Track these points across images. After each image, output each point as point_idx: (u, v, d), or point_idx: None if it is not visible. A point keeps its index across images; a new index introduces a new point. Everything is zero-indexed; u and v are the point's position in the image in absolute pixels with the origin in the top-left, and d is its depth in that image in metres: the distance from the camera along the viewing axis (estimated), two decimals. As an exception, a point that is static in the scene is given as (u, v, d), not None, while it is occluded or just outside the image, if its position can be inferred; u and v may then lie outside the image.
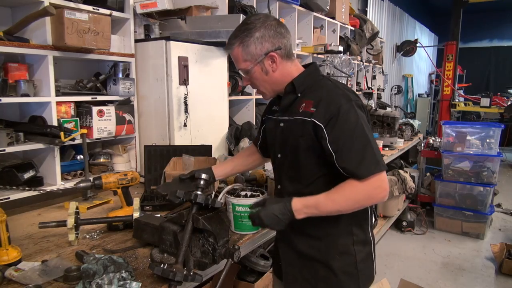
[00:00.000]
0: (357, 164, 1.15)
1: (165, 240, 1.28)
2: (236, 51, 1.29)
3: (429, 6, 11.05)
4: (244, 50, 1.27)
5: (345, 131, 1.18)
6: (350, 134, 1.17)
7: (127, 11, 2.29)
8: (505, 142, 7.70)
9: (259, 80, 1.32)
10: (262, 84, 1.34)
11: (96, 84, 2.23)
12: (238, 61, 1.31)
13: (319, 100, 1.22)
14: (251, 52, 1.26)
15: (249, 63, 1.28)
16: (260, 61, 1.27)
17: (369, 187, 1.17)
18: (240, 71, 1.34)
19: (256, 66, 1.28)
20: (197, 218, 1.22)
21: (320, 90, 1.26)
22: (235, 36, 1.29)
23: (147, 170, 2.15)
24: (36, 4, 1.84)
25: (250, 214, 1.22)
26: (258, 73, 1.30)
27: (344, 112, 1.18)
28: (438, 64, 10.01)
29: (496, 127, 4.20)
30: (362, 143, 1.17)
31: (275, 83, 1.33)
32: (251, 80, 1.34)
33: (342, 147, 1.17)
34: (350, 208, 1.19)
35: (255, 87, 1.37)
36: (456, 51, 7.12)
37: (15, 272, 1.21)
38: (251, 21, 1.27)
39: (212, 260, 1.25)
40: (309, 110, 1.23)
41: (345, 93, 1.23)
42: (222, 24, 2.41)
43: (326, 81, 1.30)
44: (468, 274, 3.40)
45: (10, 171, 1.85)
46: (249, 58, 1.27)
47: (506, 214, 4.95)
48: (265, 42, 1.25)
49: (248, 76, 1.33)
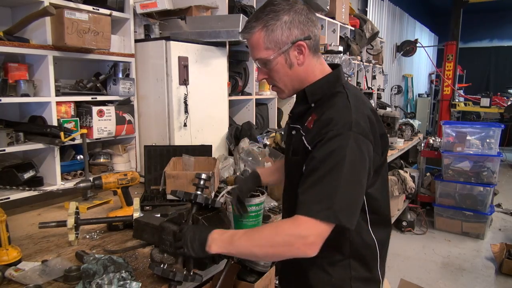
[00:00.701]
0: (308, 199, 0.95)
1: (165, 240, 1.28)
2: (256, 36, 1.08)
3: (429, 6, 11.05)
4: (268, 35, 1.06)
5: (317, 159, 0.98)
6: (324, 165, 0.97)
7: (127, 11, 2.29)
8: (505, 142, 7.70)
9: (280, 74, 1.12)
10: (282, 79, 1.13)
11: (96, 84, 2.23)
12: (258, 49, 1.09)
13: (318, 119, 1.06)
14: (277, 38, 1.06)
15: (272, 52, 1.08)
16: (285, 51, 1.08)
17: (294, 231, 0.94)
18: (257, 61, 1.12)
19: (280, 57, 1.08)
20: (197, 218, 1.22)
21: (329, 106, 1.07)
22: (257, 18, 1.08)
23: (147, 170, 2.15)
24: (36, 4, 1.84)
25: (169, 229, 1.15)
26: (280, 65, 1.10)
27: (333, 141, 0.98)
28: (438, 64, 10.01)
29: (496, 127, 4.20)
30: (329, 180, 0.95)
31: (298, 80, 1.13)
32: (269, 73, 1.13)
33: (311, 173, 0.98)
34: (264, 252, 0.98)
35: (272, 82, 1.16)
36: (456, 51, 7.12)
37: (15, 272, 1.21)
38: (278, 2, 1.07)
39: (212, 260, 1.25)
40: (309, 126, 1.08)
41: (350, 118, 1.00)
42: (222, 24, 2.41)
43: (341, 96, 1.09)
44: (468, 274, 3.40)
45: (10, 171, 1.85)
46: (272, 46, 1.07)
47: (506, 214, 4.95)
48: (294, 28, 1.06)
49: (267, 68, 1.12)
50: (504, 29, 11.39)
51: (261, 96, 3.17)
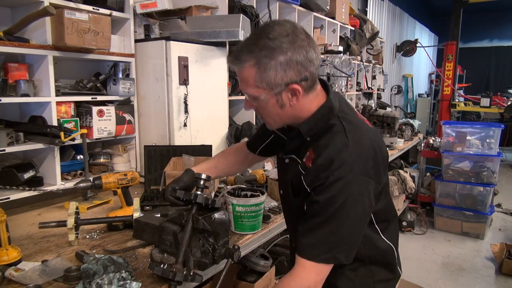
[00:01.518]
0: (308, 242, 0.98)
1: (165, 240, 1.28)
2: (247, 72, 0.97)
3: (429, 6, 11.05)
4: (260, 74, 0.95)
5: (320, 203, 0.97)
6: (323, 209, 0.96)
7: (127, 11, 2.29)
8: (505, 142, 7.70)
9: (270, 112, 1.03)
10: (271, 117, 1.05)
11: (96, 84, 2.23)
12: (247, 84, 0.99)
13: (318, 156, 1.00)
14: (269, 79, 0.95)
15: (262, 91, 0.97)
16: (277, 93, 0.97)
17: (300, 285, 0.98)
18: (245, 94, 1.04)
19: (271, 97, 0.99)
20: (197, 218, 1.22)
21: (326, 142, 1.00)
22: (250, 50, 0.95)
23: (147, 170, 2.15)
24: (36, 4, 1.84)
25: None
26: (270, 105, 1.00)
27: (333, 185, 0.95)
28: (438, 64, 10.01)
29: (496, 127, 4.20)
30: (329, 224, 0.96)
31: (290, 118, 1.05)
32: (257, 108, 1.04)
33: (309, 215, 1.00)
34: None
35: (259, 115, 1.09)
36: (456, 51, 7.12)
37: (15, 272, 1.21)
38: (275, 37, 0.93)
39: (212, 260, 1.25)
40: (307, 165, 1.02)
41: (350, 159, 0.96)
42: (222, 24, 2.41)
43: (338, 131, 1.01)
44: (468, 274, 3.40)
45: (10, 171, 1.85)
46: (264, 86, 0.97)
47: (506, 214, 4.95)
48: (290, 70, 0.94)
49: (255, 103, 1.02)
50: (504, 29, 11.39)
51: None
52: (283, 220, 1.80)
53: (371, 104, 5.04)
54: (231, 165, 1.47)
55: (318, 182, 0.97)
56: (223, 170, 1.46)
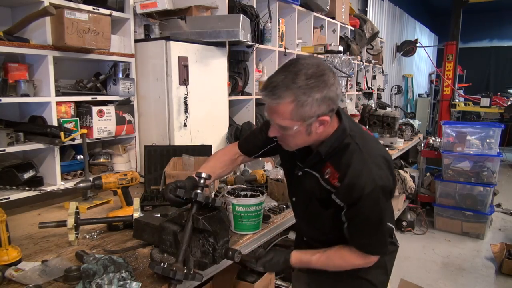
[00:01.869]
0: (363, 244, 1.21)
1: (165, 240, 1.28)
2: (284, 107, 1.05)
3: (429, 6, 11.05)
4: (297, 109, 1.05)
5: (360, 216, 1.15)
6: (365, 219, 1.16)
7: (127, 11, 2.29)
8: (505, 142, 7.69)
9: (297, 139, 1.15)
10: (295, 142, 1.17)
11: (96, 84, 2.23)
12: (282, 118, 1.08)
13: (343, 175, 1.13)
14: (304, 113, 1.06)
15: (295, 123, 1.08)
16: (308, 124, 1.09)
17: (360, 262, 1.24)
18: (276, 124, 1.12)
19: (302, 128, 1.10)
20: (197, 218, 1.22)
21: (348, 161, 1.14)
22: (288, 87, 1.04)
23: (147, 170, 2.15)
24: (36, 4, 1.84)
25: (258, 260, 1.31)
26: (299, 134, 1.11)
27: (365, 199, 1.11)
28: (438, 64, 10.01)
29: (496, 127, 4.20)
30: (373, 229, 1.19)
31: (311, 142, 1.19)
32: (283, 136, 1.15)
33: (354, 224, 1.19)
34: (336, 270, 1.27)
35: (284, 142, 1.19)
36: (456, 51, 7.12)
37: (15, 272, 1.21)
38: (311, 76, 1.04)
39: (212, 260, 1.25)
40: (333, 183, 1.16)
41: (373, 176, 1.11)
42: (222, 24, 2.41)
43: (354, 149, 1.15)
44: (468, 274, 3.40)
45: (10, 171, 1.85)
46: (298, 119, 1.07)
47: (506, 214, 4.95)
48: (323, 105, 1.06)
49: (283, 132, 1.12)
50: (504, 29, 11.39)
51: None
52: (283, 220, 1.80)
53: (371, 104, 5.04)
54: (224, 166, 1.49)
55: (351, 201, 1.13)
56: (219, 173, 1.49)
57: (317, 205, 1.25)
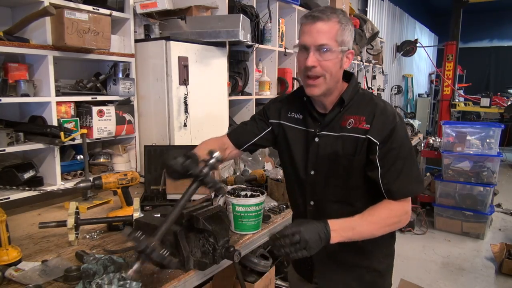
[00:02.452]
0: (400, 184, 1.18)
1: (165, 240, 1.28)
2: (332, 25, 1.16)
3: (429, 6, 11.05)
4: (341, 31, 1.17)
5: (395, 149, 1.18)
6: (399, 153, 1.18)
7: (127, 11, 2.29)
8: (505, 142, 7.70)
9: (333, 65, 1.19)
10: (330, 73, 1.19)
11: (96, 84, 2.23)
12: (329, 36, 1.16)
13: (372, 117, 1.20)
14: (344, 38, 1.18)
15: (337, 45, 1.17)
16: (343, 52, 1.19)
17: (402, 210, 1.20)
18: (319, 47, 1.16)
19: (338, 54, 1.18)
20: (197, 218, 1.22)
21: (370, 105, 1.23)
22: (333, 11, 1.18)
23: (147, 170, 2.15)
24: (36, 4, 1.84)
25: (288, 232, 1.06)
26: (336, 62, 1.19)
27: (398, 130, 1.18)
28: (438, 64, 10.01)
29: (496, 127, 4.20)
30: (409, 163, 1.19)
31: (335, 81, 1.23)
32: (323, 62, 1.18)
33: (390, 165, 1.18)
34: (382, 232, 1.20)
35: (319, 72, 1.19)
36: (456, 51, 7.12)
37: (15, 272, 1.21)
38: (343, 13, 1.20)
39: (212, 260, 1.25)
40: (362, 127, 1.20)
41: (394, 110, 1.23)
42: (222, 24, 2.41)
43: (370, 95, 1.28)
44: (468, 274, 3.40)
45: (10, 171, 1.85)
46: (339, 42, 1.17)
47: (506, 214, 4.95)
48: (351, 39, 1.21)
49: (323, 57, 1.17)
50: (504, 29, 11.39)
51: (261, 96, 3.17)
52: (283, 220, 1.80)
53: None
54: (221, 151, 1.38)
55: (386, 133, 1.17)
56: None
57: (344, 162, 1.23)
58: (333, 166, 1.26)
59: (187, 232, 1.26)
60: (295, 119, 1.36)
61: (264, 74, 3.18)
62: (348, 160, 1.22)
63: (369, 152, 1.19)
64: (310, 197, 1.34)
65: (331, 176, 1.27)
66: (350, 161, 1.22)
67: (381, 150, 1.18)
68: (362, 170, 1.23)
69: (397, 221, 1.21)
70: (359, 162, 1.22)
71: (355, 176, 1.24)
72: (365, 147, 1.19)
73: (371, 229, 1.17)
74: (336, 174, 1.26)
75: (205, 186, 1.17)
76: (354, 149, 1.21)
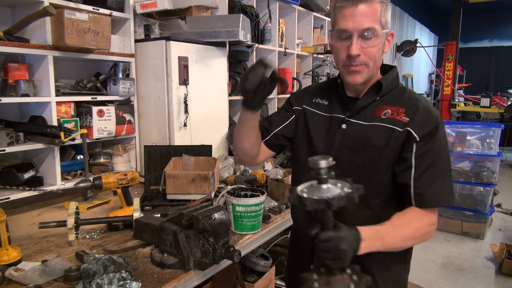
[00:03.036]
0: (433, 190, 1.06)
1: (165, 240, 1.29)
2: (376, 7, 1.06)
3: (429, 6, 11.05)
4: (384, 12, 1.08)
5: (435, 150, 1.07)
6: (437, 156, 1.07)
7: (127, 11, 2.29)
8: (505, 142, 7.69)
9: (377, 50, 1.09)
10: (375, 56, 1.10)
11: (96, 84, 2.23)
12: (373, 18, 1.06)
13: (414, 110, 1.09)
14: (387, 19, 1.09)
15: (381, 28, 1.07)
16: (385, 34, 1.10)
17: (430, 221, 1.08)
18: (363, 31, 1.06)
19: (381, 38, 1.08)
20: (197, 218, 1.22)
21: (412, 100, 1.13)
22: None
23: (147, 170, 2.15)
24: (36, 4, 1.84)
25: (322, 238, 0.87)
26: (379, 46, 1.09)
27: (440, 131, 1.08)
28: (438, 64, 10.01)
29: (496, 127, 4.20)
30: (447, 170, 1.09)
31: (377, 67, 1.14)
32: (367, 49, 1.08)
33: (426, 166, 1.06)
34: (409, 245, 1.09)
35: (361, 61, 1.09)
36: (456, 51, 7.11)
37: (15, 272, 1.21)
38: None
39: (212, 260, 1.25)
40: (400, 119, 1.09)
41: (436, 112, 1.12)
42: (222, 24, 2.41)
43: (412, 92, 1.19)
44: (468, 274, 3.40)
45: (10, 171, 1.85)
46: (383, 23, 1.08)
47: (506, 214, 4.94)
48: (390, 19, 1.11)
49: (367, 43, 1.07)
50: (504, 29, 11.39)
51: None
52: (283, 220, 1.80)
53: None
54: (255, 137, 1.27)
55: (428, 130, 1.07)
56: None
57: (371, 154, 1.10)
58: (358, 157, 1.13)
59: (187, 232, 1.26)
60: (319, 104, 1.25)
61: (264, 74, 3.18)
62: (377, 153, 1.10)
63: (404, 148, 1.08)
64: None
65: (353, 168, 1.13)
66: (378, 154, 1.10)
67: (419, 148, 1.06)
68: (389, 167, 1.11)
69: (425, 233, 1.08)
70: (388, 157, 1.10)
71: (380, 171, 1.11)
72: (400, 141, 1.08)
73: (400, 241, 1.04)
74: (359, 167, 1.13)
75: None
76: (386, 141, 1.09)
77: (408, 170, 1.07)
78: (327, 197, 0.84)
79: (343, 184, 0.89)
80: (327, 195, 0.85)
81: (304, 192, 0.88)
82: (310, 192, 0.88)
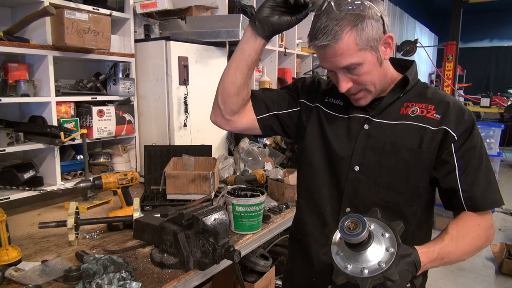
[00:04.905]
0: (484, 190, 0.97)
1: (165, 240, 1.29)
2: (347, 41, 0.91)
3: (429, 6, 11.05)
4: (360, 35, 0.91)
5: (477, 148, 0.98)
6: (480, 153, 0.98)
7: (127, 11, 2.29)
8: (505, 142, 7.69)
9: (372, 74, 0.98)
10: (373, 80, 0.99)
11: (96, 84, 2.23)
12: (349, 54, 0.93)
13: (445, 107, 0.99)
14: (368, 35, 0.92)
15: (365, 53, 0.93)
16: (376, 48, 0.95)
17: (488, 225, 0.98)
18: (344, 69, 0.96)
19: (373, 56, 0.95)
20: (197, 218, 1.22)
21: (439, 96, 1.03)
22: (337, 19, 0.90)
23: (147, 170, 2.15)
24: (36, 4, 1.84)
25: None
26: (372, 66, 0.96)
27: (476, 127, 0.99)
28: (438, 64, 10.01)
29: (496, 127, 4.20)
30: (488, 166, 0.99)
31: (384, 76, 1.02)
32: (359, 78, 0.97)
33: (472, 166, 0.97)
34: (470, 256, 0.97)
35: (359, 88, 1.00)
36: (456, 51, 7.12)
37: (15, 272, 1.21)
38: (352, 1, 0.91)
39: (212, 260, 1.25)
40: (431, 116, 0.99)
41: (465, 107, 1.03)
42: (222, 24, 2.41)
43: (435, 88, 1.09)
44: (468, 274, 3.40)
45: (10, 171, 1.85)
46: (365, 46, 0.93)
47: (506, 214, 4.95)
48: (378, 23, 0.93)
49: (355, 74, 0.97)
50: (504, 29, 11.39)
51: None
52: (283, 220, 1.80)
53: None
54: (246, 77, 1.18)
55: (465, 127, 0.98)
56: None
57: (405, 156, 0.99)
58: (387, 161, 1.01)
59: (187, 232, 1.26)
60: (334, 105, 1.12)
61: (264, 74, 3.18)
62: (412, 154, 0.99)
63: (442, 148, 0.98)
64: (348, 202, 1.06)
65: (382, 173, 1.02)
66: (413, 156, 0.99)
67: (460, 147, 0.96)
68: (426, 170, 1.00)
69: (485, 240, 0.98)
70: (425, 159, 0.99)
71: (416, 176, 1.01)
72: (436, 141, 0.97)
73: (461, 256, 0.94)
74: (390, 171, 1.01)
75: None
76: (419, 142, 0.98)
77: (452, 173, 0.97)
78: (383, 273, 0.72)
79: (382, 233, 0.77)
80: (374, 263, 0.74)
81: (343, 259, 0.76)
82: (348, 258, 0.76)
